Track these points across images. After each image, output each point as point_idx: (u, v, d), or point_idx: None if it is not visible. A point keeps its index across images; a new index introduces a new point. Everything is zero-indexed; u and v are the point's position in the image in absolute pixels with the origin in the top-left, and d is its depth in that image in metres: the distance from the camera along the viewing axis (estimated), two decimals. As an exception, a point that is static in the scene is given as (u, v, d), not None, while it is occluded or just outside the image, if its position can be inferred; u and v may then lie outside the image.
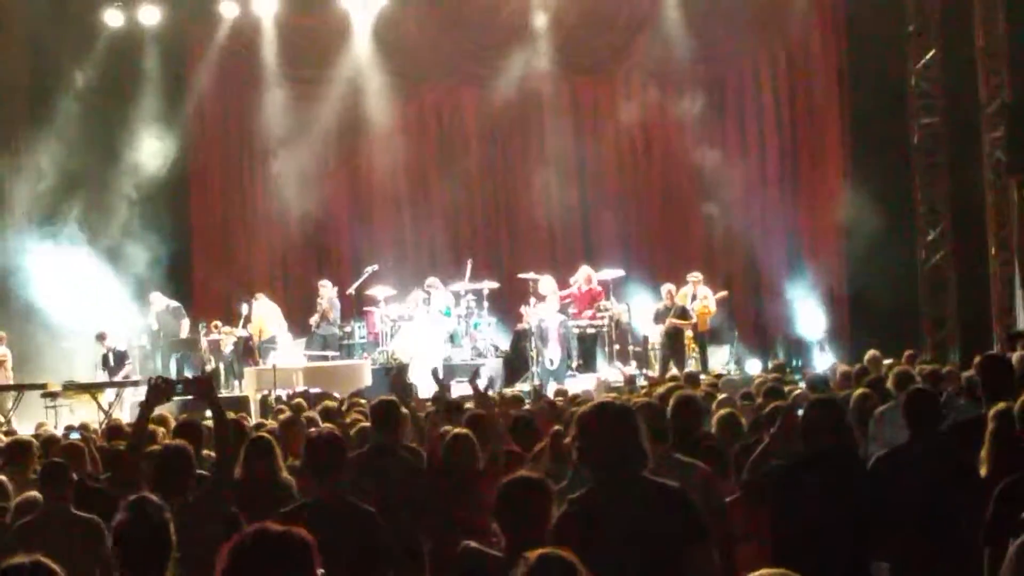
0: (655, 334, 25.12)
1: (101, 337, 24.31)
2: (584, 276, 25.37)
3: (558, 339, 24.48)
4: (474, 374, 10.12)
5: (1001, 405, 8.15)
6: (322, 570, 4.38)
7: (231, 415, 10.32)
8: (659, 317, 24.83)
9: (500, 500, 6.08)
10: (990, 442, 7.96)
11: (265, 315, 26.26)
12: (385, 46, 28.59)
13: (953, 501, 7.57)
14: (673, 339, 24.42)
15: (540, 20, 27.98)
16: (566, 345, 24.69)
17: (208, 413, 10.47)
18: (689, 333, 24.53)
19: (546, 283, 25.31)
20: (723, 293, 25.08)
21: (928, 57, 25.47)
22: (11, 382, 23.98)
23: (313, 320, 26.36)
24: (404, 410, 10.13)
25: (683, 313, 24.38)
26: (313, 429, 9.64)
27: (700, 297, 24.62)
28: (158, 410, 15.81)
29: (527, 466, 8.92)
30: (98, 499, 8.50)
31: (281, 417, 13.81)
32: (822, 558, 7.27)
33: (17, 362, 24.59)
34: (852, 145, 26.79)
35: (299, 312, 26.73)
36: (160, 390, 8.05)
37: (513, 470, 6.89)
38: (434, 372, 12.03)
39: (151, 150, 27.94)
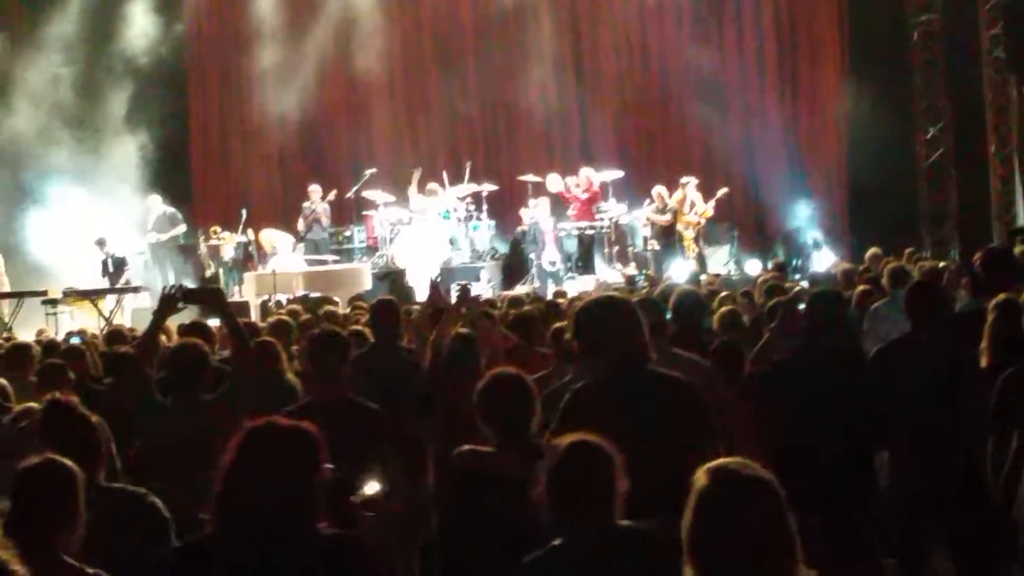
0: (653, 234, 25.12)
1: (101, 243, 24.16)
2: (584, 178, 25.34)
3: (554, 240, 24.50)
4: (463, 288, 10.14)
5: (1001, 296, 8.16)
6: (330, 464, 4.41)
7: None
8: (653, 219, 24.85)
9: (481, 396, 6.14)
10: (990, 334, 7.97)
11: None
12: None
13: (954, 391, 7.60)
14: (665, 237, 24.51)
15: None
16: (561, 246, 24.72)
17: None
18: (690, 234, 24.51)
19: (553, 181, 25.38)
20: (724, 190, 24.96)
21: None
22: (7, 289, 23.98)
23: (300, 226, 26.22)
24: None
25: (668, 212, 24.49)
26: (315, 329, 9.65)
27: (698, 199, 24.54)
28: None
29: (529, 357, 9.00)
30: (101, 400, 8.48)
31: (270, 319, 13.83)
32: (824, 448, 7.33)
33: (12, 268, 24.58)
34: (850, 43, 26.64)
35: (297, 215, 26.60)
36: (173, 300, 8.03)
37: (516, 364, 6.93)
38: (432, 282, 12.06)
39: (147, 33, 27.79)
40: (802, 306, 8.35)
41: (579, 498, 4.67)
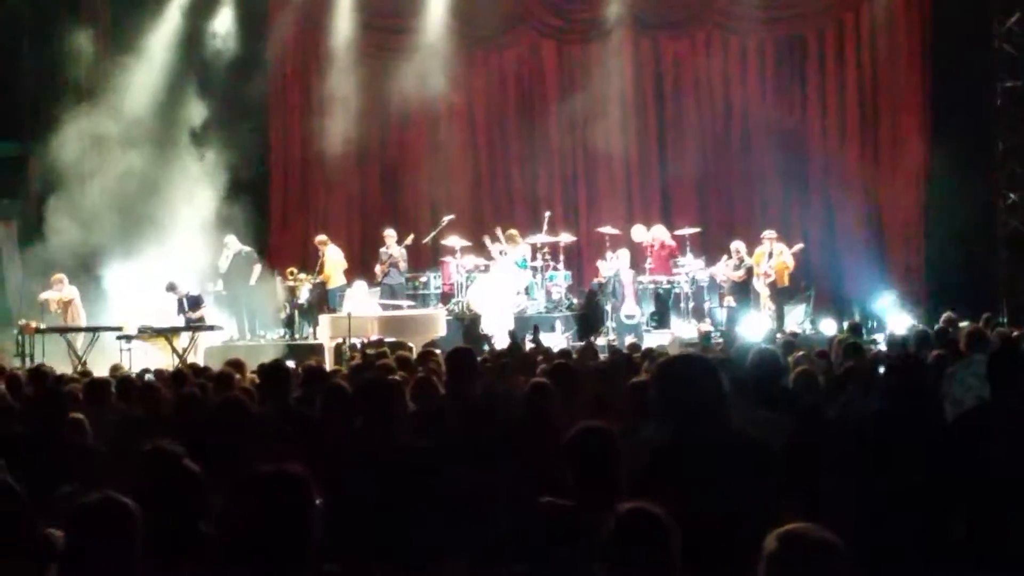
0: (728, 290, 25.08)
1: (171, 288, 24.14)
2: (661, 233, 25.40)
3: (633, 294, 24.50)
4: (535, 330, 10.04)
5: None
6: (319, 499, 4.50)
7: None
8: (728, 274, 24.81)
9: (568, 449, 6.11)
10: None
11: (334, 262, 26.30)
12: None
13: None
14: (741, 294, 24.48)
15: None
16: (640, 300, 24.72)
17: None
18: (766, 291, 24.48)
19: (637, 231, 25.48)
20: (799, 246, 24.89)
21: (1013, 20, 25.20)
22: (82, 323, 24.21)
23: (378, 269, 26.32)
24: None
25: (743, 268, 24.46)
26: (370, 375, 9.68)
27: (776, 253, 24.52)
28: (233, 354, 16.05)
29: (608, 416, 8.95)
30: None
31: (352, 363, 13.89)
32: (900, 518, 7.25)
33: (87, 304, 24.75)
34: (933, 105, 26.59)
35: (375, 259, 26.66)
36: None
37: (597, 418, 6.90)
38: (511, 333, 12.07)
39: (231, 63, 28.07)
40: (881, 369, 8.31)
41: (631, 569, 4.62)
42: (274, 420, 8.72)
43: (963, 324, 17.14)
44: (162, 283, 24.20)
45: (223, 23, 28.24)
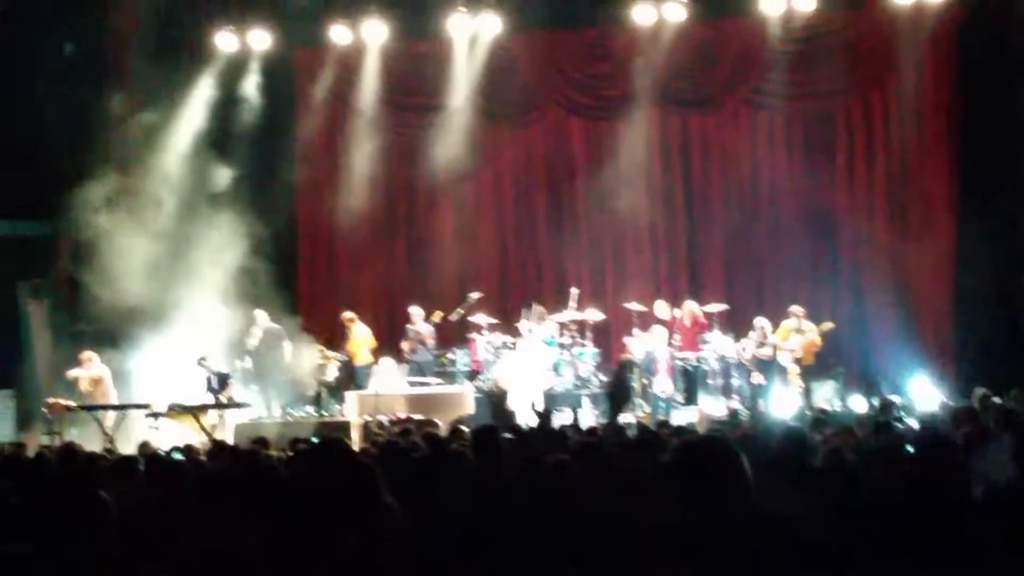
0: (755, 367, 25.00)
1: (202, 361, 24.21)
2: (688, 310, 25.40)
3: (667, 369, 24.44)
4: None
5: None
6: None
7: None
8: (752, 351, 24.76)
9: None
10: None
11: (361, 339, 26.31)
12: (493, 74, 28.63)
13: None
14: (767, 371, 24.42)
15: (649, 52, 27.87)
16: (673, 376, 24.68)
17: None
18: (795, 369, 24.42)
19: (660, 308, 25.42)
20: (828, 324, 24.86)
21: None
22: (112, 401, 24.25)
23: (405, 347, 26.34)
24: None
25: (768, 345, 24.42)
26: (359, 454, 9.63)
27: (806, 330, 24.48)
28: (263, 432, 16.04)
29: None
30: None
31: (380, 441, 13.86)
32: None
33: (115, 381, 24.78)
34: (962, 183, 26.57)
35: (401, 336, 26.64)
36: None
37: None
38: (532, 406, 12.02)
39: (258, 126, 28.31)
40: (910, 448, 8.25)
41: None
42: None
43: (995, 400, 17.05)
44: (191, 356, 24.25)
45: (251, 94, 28.52)
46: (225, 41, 28.55)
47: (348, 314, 26.52)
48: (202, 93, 28.34)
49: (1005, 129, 25.76)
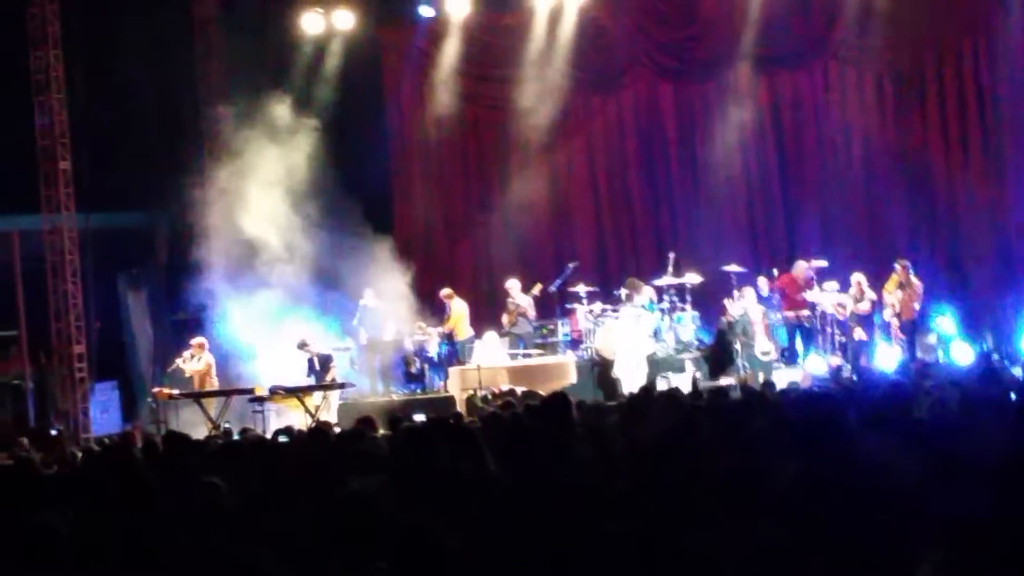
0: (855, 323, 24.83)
1: (303, 345, 24.45)
2: (796, 268, 25.19)
3: (764, 331, 24.35)
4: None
5: None
6: None
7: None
8: (851, 307, 24.59)
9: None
10: None
11: (461, 314, 26.38)
12: (582, 42, 28.60)
13: None
14: (865, 326, 24.32)
15: (737, 12, 27.71)
16: (772, 336, 24.57)
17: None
18: (896, 323, 24.22)
19: (762, 282, 25.38)
20: (919, 285, 24.62)
21: None
22: (216, 387, 24.56)
23: (506, 320, 26.40)
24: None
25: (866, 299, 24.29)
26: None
27: (908, 284, 24.24)
28: (367, 411, 16.16)
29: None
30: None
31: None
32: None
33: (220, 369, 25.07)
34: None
35: (500, 308, 26.72)
36: None
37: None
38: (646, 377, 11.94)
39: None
40: (1016, 398, 8.18)
41: None
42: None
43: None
44: (292, 341, 24.48)
45: (337, 75, 28.73)
46: (311, 23, 28.76)
47: (447, 290, 26.58)
48: (291, 76, 28.54)
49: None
